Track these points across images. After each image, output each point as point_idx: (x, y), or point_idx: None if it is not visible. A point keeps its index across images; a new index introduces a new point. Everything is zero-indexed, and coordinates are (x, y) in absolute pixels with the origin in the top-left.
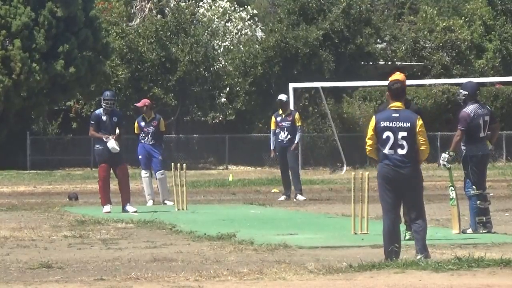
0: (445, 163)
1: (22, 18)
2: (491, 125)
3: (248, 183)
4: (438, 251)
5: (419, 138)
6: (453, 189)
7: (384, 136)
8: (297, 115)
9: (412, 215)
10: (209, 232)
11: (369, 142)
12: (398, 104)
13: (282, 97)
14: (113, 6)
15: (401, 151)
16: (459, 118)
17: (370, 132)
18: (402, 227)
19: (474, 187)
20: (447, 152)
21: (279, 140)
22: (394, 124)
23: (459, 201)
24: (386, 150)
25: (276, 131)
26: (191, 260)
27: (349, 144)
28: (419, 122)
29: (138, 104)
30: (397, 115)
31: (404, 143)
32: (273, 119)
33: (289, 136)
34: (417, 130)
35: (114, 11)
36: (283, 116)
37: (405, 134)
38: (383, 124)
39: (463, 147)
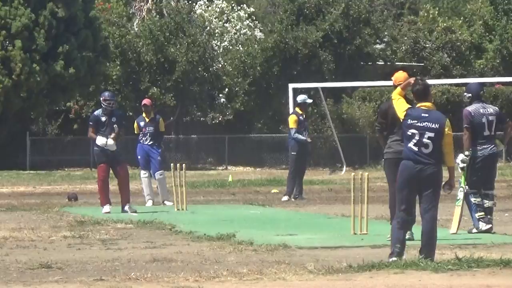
0: (459, 162)
1: (22, 19)
2: (501, 126)
3: (248, 184)
4: (438, 251)
5: (445, 140)
6: (462, 190)
7: (409, 133)
8: None
9: (426, 215)
10: (208, 232)
11: (402, 106)
12: (428, 104)
13: (307, 98)
14: (112, 7)
15: (425, 150)
16: (462, 116)
17: (406, 111)
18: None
19: (467, 185)
20: (464, 153)
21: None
22: (422, 123)
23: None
24: (410, 146)
25: (299, 131)
26: (191, 260)
27: (348, 144)
28: (448, 124)
29: (145, 102)
30: (427, 115)
31: (430, 143)
32: (295, 118)
33: (308, 136)
34: (445, 133)
35: (114, 12)
36: (304, 116)
37: (432, 134)
38: (410, 121)
39: None
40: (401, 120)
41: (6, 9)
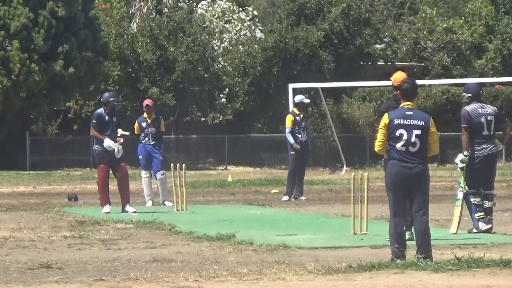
0: (458, 162)
1: (21, 19)
2: (500, 125)
3: (248, 184)
4: (437, 252)
5: (432, 138)
6: (461, 190)
7: (398, 134)
8: None
9: (418, 214)
10: (208, 232)
11: (380, 139)
12: (410, 103)
13: (304, 98)
14: (113, 7)
15: (412, 149)
16: (461, 116)
17: (381, 129)
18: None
19: (466, 186)
20: (463, 153)
21: (298, 141)
22: (408, 121)
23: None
24: (398, 147)
25: (295, 131)
26: (191, 260)
27: (348, 144)
28: (432, 121)
29: (147, 103)
30: (411, 113)
31: (417, 141)
32: (291, 118)
33: (306, 137)
34: (431, 130)
35: (114, 12)
36: (302, 116)
37: (419, 132)
38: (396, 121)
39: None
40: (383, 128)
41: (5, 9)
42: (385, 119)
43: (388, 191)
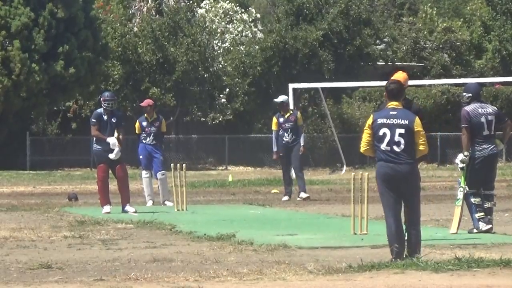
0: (458, 162)
1: (21, 18)
2: (501, 125)
3: (248, 184)
4: (438, 251)
5: (419, 138)
6: (462, 190)
7: (381, 133)
8: (299, 115)
9: (409, 215)
10: (208, 232)
11: (364, 139)
12: (395, 103)
13: (280, 98)
14: (112, 8)
15: (397, 148)
16: (461, 116)
17: (366, 130)
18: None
19: (466, 186)
20: (463, 153)
21: (283, 142)
22: (392, 121)
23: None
24: (382, 147)
25: (279, 133)
26: (191, 260)
27: (348, 144)
28: (417, 121)
29: (142, 104)
30: (395, 112)
31: (401, 140)
32: (274, 120)
33: (293, 137)
34: (415, 129)
35: (114, 12)
36: (285, 117)
37: (402, 131)
38: (380, 121)
39: None
40: (367, 128)
41: (6, 9)
42: (369, 119)
43: (379, 192)
